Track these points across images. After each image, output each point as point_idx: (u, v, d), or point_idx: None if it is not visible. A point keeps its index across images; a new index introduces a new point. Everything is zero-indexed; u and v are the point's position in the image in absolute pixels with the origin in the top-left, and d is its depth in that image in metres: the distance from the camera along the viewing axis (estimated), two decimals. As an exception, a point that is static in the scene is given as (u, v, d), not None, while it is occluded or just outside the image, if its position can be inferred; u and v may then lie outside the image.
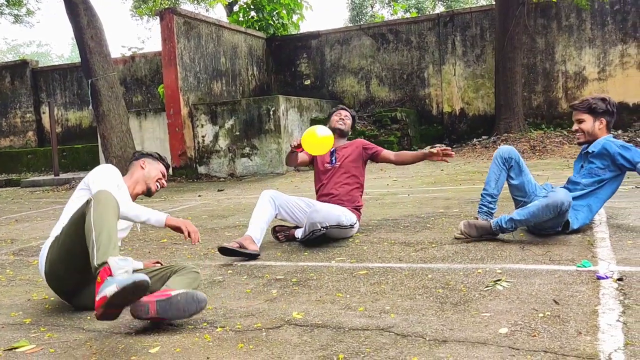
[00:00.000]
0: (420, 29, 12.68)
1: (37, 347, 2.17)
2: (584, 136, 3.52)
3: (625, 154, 3.34)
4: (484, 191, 3.59)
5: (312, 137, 3.53)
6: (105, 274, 2.09)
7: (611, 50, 11.27)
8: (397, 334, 2.04)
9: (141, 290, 2.11)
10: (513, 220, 3.24)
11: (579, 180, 3.49)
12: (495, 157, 3.58)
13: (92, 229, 2.24)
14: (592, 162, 3.46)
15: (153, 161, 3.08)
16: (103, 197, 2.34)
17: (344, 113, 4.23)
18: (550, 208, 3.11)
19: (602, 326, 1.96)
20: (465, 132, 12.22)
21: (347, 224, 3.69)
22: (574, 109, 3.55)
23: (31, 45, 53.40)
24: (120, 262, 2.11)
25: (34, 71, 15.69)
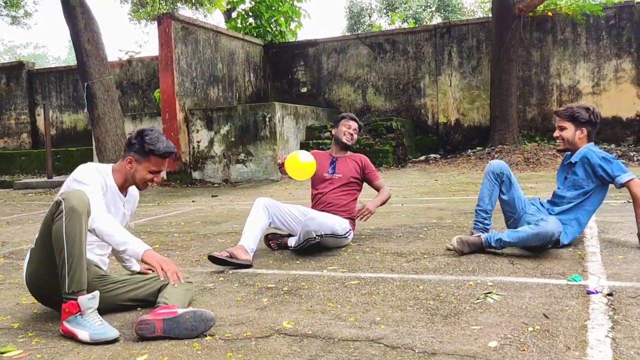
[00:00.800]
0: (417, 39, 12.76)
1: (24, 352, 2.15)
2: (564, 144, 3.51)
3: (606, 167, 3.33)
4: (478, 207, 3.59)
5: (294, 162, 3.50)
6: (74, 308, 2.21)
7: (605, 64, 11.37)
8: (387, 346, 2.03)
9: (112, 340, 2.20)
10: (502, 240, 3.27)
11: (564, 194, 3.50)
12: (487, 173, 3.58)
13: (63, 245, 2.20)
14: (575, 173, 3.47)
15: (143, 159, 2.62)
16: (77, 203, 2.23)
17: (353, 126, 4.08)
18: (540, 237, 3.15)
19: (591, 341, 1.97)
20: (460, 143, 12.27)
21: (341, 233, 3.69)
22: (557, 115, 3.55)
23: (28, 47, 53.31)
24: (90, 302, 2.23)
25: (30, 73, 15.66)
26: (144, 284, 2.61)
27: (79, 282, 2.24)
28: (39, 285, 2.46)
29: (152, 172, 2.66)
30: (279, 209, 3.81)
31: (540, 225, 3.18)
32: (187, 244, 4.38)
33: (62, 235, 2.21)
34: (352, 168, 4.03)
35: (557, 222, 3.22)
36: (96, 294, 2.29)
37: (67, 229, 2.21)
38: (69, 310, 2.23)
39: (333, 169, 4.02)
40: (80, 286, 2.24)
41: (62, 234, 2.21)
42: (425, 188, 7.66)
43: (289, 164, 3.51)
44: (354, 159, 4.09)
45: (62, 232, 2.21)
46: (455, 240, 3.38)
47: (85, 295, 2.25)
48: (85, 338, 2.19)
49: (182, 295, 2.49)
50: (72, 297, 2.23)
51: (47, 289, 2.43)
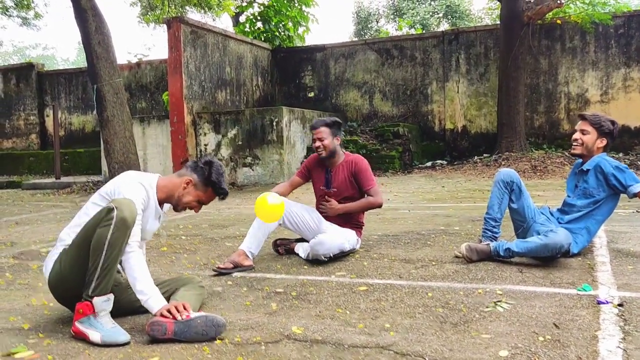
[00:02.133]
0: (424, 45, 12.77)
1: (35, 353, 2.16)
2: (581, 148, 3.49)
3: (619, 176, 3.34)
4: (487, 215, 3.57)
5: (262, 205, 3.27)
6: (88, 309, 2.25)
7: (614, 73, 11.34)
8: (397, 353, 2.04)
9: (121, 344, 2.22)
10: (511, 250, 3.27)
11: (574, 202, 3.49)
12: (497, 181, 3.56)
13: (103, 252, 2.23)
14: (587, 181, 3.46)
15: (201, 186, 2.62)
16: (128, 215, 2.24)
17: (317, 135, 3.77)
18: (549, 248, 3.15)
19: (602, 352, 1.96)
20: (466, 150, 12.25)
21: (349, 248, 3.69)
22: (583, 119, 3.51)
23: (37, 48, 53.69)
24: (104, 304, 2.27)
25: (40, 74, 15.76)
26: (160, 286, 2.62)
27: (104, 289, 2.28)
28: (63, 286, 2.45)
29: (199, 202, 2.66)
30: (292, 211, 3.76)
31: (549, 236, 3.17)
32: (195, 247, 4.39)
33: (105, 243, 2.22)
34: (346, 178, 3.78)
35: (566, 234, 3.22)
36: (110, 297, 2.31)
37: (113, 238, 2.22)
38: (82, 311, 2.26)
39: (328, 183, 3.82)
40: (105, 292, 2.27)
41: (105, 241, 2.22)
42: (432, 194, 7.65)
43: (257, 207, 3.28)
44: (347, 166, 3.79)
45: (106, 239, 2.22)
46: (464, 247, 3.37)
47: (100, 297, 2.27)
48: (97, 340, 2.21)
49: (194, 300, 2.51)
50: (88, 298, 2.26)
51: (70, 290, 2.43)
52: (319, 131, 3.78)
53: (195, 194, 2.62)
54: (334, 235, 3.65)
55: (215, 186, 2.62)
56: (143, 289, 2.31)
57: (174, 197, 2.62)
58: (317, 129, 3.80)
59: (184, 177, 2.62)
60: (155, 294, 2.33)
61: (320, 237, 3.58)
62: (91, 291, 2.26)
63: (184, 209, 2.67)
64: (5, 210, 7.92)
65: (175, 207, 2.67)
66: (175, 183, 2.62)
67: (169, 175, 2.70)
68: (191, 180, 2.61)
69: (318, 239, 3.57)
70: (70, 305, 2.52)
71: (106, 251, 2.23)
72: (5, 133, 15.85)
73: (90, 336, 2.23)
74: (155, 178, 2.63)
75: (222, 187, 2.64)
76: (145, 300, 2.30)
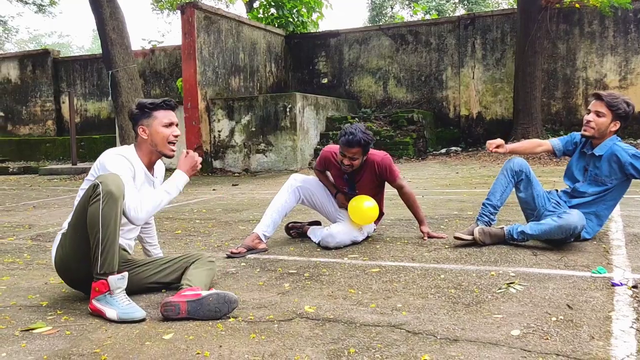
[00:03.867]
0: (440, 30, 12.63)
1: (53, 329, 2.21)
2: (594, 131, 3.31)
3: (636, 164, 3.22)
4: (487, 201, 3.44)
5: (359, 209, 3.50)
6: (104, 287, 2.29)
7: (633, 58, 11.13)
8: (409, 331, 2.05)
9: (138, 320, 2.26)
10: (525, 233, 3.24)
11: (584, 189, 3.38)
12: (505, 169, 3.44)
13: (99, 228, 2.24)
14: (598, 167, 3.34)
15: (150, 120, 2.59)
16: (114, 188, 2.26)
17: (350, 153, 3.42)
18: (564, 230, 3.10)
19: (616, 332, 1.95)
20: (481, 136, 12.15)
21: (361, 238, 3.68)
22: (599, 98, 3.31)
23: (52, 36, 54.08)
24: (119, 281, 2.31)
25: (55, 61, 15.89)
26: (167, 266, 2.65)
27: (111, 264, 2.29)
28: (69, 269, 2.49)
29: (166, 127, 2.60)
30: (312, 193, 3.75)
31: (563, 217, 3.14)
32: (208, 230, 4.43)
33: (98, 218, 2.24)
34: (370, 181, 3.65)
35: (580, 216, 3.16)
36: (125, 275, 2.35)
37: (104, 212, 2.24)
38: (98, 289, 2.29)
39: (352, 187, 3.68)
40: (112, 267, 2.30)
41: (98, 217, 2.25)
42: (446, 180, 7.62)
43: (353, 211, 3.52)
44: (369, 168, 3.60)
45: (98, 214, 2.25)
46: (477, 230, 3.35)
47: (115, 275, 2.30)
48: (113, 316, 2.25)
49: (205, 276, 2.53)
50: (102, 277, 2.29)
51: (77, 273, 2.48)
52: (353, 152, 3.43)
53: (155, 127, 2.58)
54: (347, 228, 3.59)
55: (156, 106, 2.60)
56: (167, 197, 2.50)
57: (152, 149, 2.61)
58: (352, 149, 3.41)
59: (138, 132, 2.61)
60: (172, 183, 2.53)
61: (332, 230, 3.54)
62: (99, 269, 2.28)
63: (170, 148, 2.62)
64: (23, 194, 8.05)
65: (160, 151, 2.62)
66: (139, 141, 2.62)
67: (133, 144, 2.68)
68: (141, 126, 2.60)
69: (330, 231, 3.54)
70: (81, 287, 2.56)
71: (102, 225, 2.24)
72: (22, 119, 16.06)
73: (107, 313, 2.27)
74: (132, 148, 2.63)
75: (159, 101, 2.61)
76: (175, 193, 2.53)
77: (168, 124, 2.61)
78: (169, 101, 2.65)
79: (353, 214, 3.54)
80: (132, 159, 2.56)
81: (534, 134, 10.68)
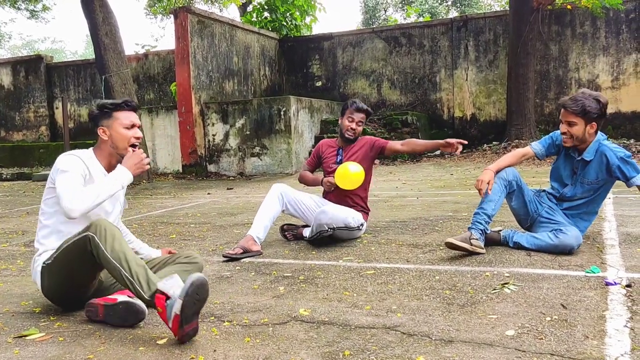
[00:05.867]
0: (433, 33, 12.67)
1: (46, 335, 2.19)
2: (572, 141, 3.19)
3: (623, 168, 3.15)
4: (481, 209, 3.26)
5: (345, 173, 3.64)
6: (162, 300, 2.04)
7: (625, 58, 11.20)
8: (404, 333, 2.04)
9: (203, 289, 2.02)
10: (520, 244, 3.24)
11: (573, 193, 3.32)
12: (499, 177, 3.29)
13: (116, 267, 2.14)
14: (588, 171, 3.25)
15: (110, 121, 2.52)
16: (103, 229, 2.19)
17: (357, 118, 3.86)
18: (559, 249, 3.10)
19: (610, 331, 1.96)
20: (475, 137, 12.19)
21: (354, 225, 3.68)
22: (565, 109, 3.15)
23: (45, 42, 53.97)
24: (167, 282, 2.08)
25: (49, 66, 15.84)
26: (155, 262, 2.61)
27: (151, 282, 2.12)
28: (61, 297, 2.45)
29: (127, 128, 2.52)
30: (294, 198, 3.82)
31: (560, 237, 3.09)
32: (203, 234, 4.42)
33: (111, 261, 2.15)
34: (360, 153, 3.87)
35: (577, 236, 3.11)
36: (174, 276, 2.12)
37: (109, 250, 2.16)
38: (161, 307, 2.05)
39: (340, 160, 3.90)
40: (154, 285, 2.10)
41: (110, 260, 2.15)
42: (441, 182, 7.63)
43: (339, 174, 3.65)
44: (360, 144, 3.92)
45: (109, 259, 2.15)
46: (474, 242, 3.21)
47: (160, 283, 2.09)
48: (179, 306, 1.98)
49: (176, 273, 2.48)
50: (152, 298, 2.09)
51: (70, 299, 2.44)
52: (362, 116, 3.90)
53: (115, 129, 2.50)
54: (338, 207, 3.71)
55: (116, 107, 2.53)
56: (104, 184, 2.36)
57: (110, 150, 2.53)
58: (361, 113, 3.89)
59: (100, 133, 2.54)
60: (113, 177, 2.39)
61: (324, 207, 3.65)
62: (144, 293, 2.10)
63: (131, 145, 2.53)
64: (17, 201, 8.01)
65: (120, 154, 2.53)
66: (101, 144, 2.55)
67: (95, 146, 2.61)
68: (101, 127, 2.52)
69: (322, 208, 3.64)
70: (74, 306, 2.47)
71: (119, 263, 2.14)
72: (16, 125, 15.98)
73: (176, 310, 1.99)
74: (90, 151, 2.57)
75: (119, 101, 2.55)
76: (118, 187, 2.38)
77: (129, 126, 2.52)
78: (130, 102, 2.57)
79: (339, 178, 3.64)
80: (87, 161, 2.48)
81: (528, 135, 10.73)
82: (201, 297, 2.02)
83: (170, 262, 2.60)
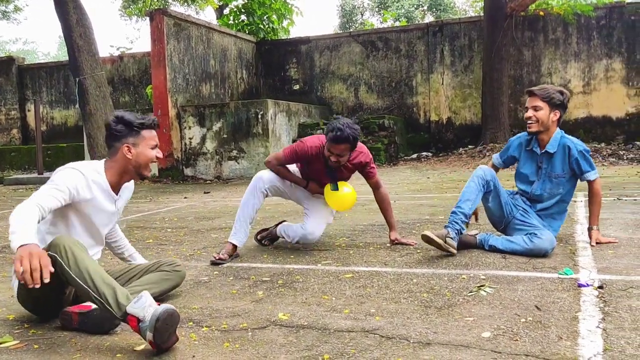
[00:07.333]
0: (409, 37, 12.80)
1: (20, 343, 2.15)
2: (537, 125, 3.33)
3: (581, 161, 3.30)
4: (458, 209, 3.32)
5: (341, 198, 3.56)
6: (134, 322, 1.99)
7: (596, 64, 11.48)
8: (382, 336, 2.06)
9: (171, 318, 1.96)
10: (495, 248, 3.30)
11: (541, 190, 3.40)
12: (476, 176, 3.37)
13: (82, 287, 2.07)
14: (553, 163, 3.36)
15: (138, 139, 2.46)
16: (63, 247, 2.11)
17: (338, 150, 3.34)
18: (534, 253, 3.16)
19: (582, 332, 2.00)
20: (451, 141, 12.34)
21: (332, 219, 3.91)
22: (531, 95, 3.34)
23: (17, 43, 52.88)
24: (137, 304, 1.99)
25: (20, 68, 15.53)
26: (134, 273, 2.60)
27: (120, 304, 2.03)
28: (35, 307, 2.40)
29: (152, 148, 2.49)
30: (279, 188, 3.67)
31: (534, 242, 3.16)
32: (180, 239, 4.38)
33: (77, 281, 2.09)
34: (350, 173, 3.70)
35: (551, 240, 3.19)
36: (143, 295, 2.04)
37: (74, 268, 2.09)
38: (132, 327, 2.00)
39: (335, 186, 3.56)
40: (125, 301, 2.04)
41: (76, 281, 2.09)
42: (417, 185, 7.70)
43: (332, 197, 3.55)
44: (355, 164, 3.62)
45: (74, 279, 2.09)
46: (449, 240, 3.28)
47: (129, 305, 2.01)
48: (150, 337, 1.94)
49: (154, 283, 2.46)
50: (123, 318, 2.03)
51: (42, 310, 2.39)
52: (342, 148, 3.36)
53: (142, 147, 2.45)
54: (320, 218, 3.70)
55: (144, 125, 2.46)
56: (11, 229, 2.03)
57: (130, 168, 2.47)
58: (340, 146, 3.34)
59: (119, 148, 2.45)
60: (21, 231, 2.00)
61: (308, 228, 3.62)
62: (115, 312, 2.03)
63: (148, 170, 2.51)
64: (-13, 205, 7.82)
65: (139, 173, 2.50)
66: (118, 160, 2.46)
67: (107, 159, 2.52)
68: (126, 144, 2.44)
69: (306, 230, 3.62)
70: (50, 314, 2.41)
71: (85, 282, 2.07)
72: (-14, 128, 15.61)
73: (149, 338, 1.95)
74: (101, 163, 2.50)
75: (148, 120, 2.48)
76: (10, 239, 2.01)
77: (154, 146, 2.50)
78: (157, 121, 2.53)
79: (332, 201, 3.59)
80: (91, 176, 2.41)
81: (502, 139, 10.90)
82: (171, 324, 1.97)
83: (153, 269, 2.58)
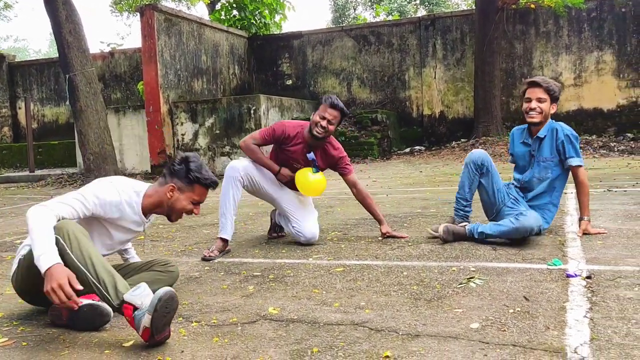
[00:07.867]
0: (401, 31, 12.79)
1: (9, 340, 2.14)
2: (541, 116, 3.40)
3: (566, 146, 3.35)
4: (458, 195, 3.56)
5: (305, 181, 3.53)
6: (130, 310, 2.00)
7: (587, 56, 11.51)
8: (371, 329, 2.07)
9: (171, 301, 1.97)
10: (484, 233, 3.32)
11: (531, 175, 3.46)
12: (467, 163, 3.50)
13: (81, 271, 2.06)
14: (542, 148, 3.42)
15: (186, 188, 2.44)
16: (67, 232, 2.10)
17: (330, 115, 3.46)
18: (520, 232, 3.19)
19: (570, 321, 2.02)
20: (444, 135, 12.36)
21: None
22: (537, 85, 3.39)
23: (8, 40, 52.48)
24: (135, 292, 2.01)
25: (11, 65, 15.42)
26: (130, 269, 2.60)
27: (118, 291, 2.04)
28: (28, 293, 2.38)
29: (193, 203, 2.48)
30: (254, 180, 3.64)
31: (520, 220, 3.20)
32: (172, 235, 4.37)
33: (76, 264, 2.07)
34: (327, 161, 3.67)
35: (536, 217, 3.24)
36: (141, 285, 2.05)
37: (76, 252, 2.08)
38: (128, 316, 2.01)
39: (317, 169, 3.60)
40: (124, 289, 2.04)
41: (75, 264, 2.07)
42: (410, 179, 7.72)
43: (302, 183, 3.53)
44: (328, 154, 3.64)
45: (74, 262, 2.07)
46: (441, 228, 3.39)
47: (127, 293, 2.03)
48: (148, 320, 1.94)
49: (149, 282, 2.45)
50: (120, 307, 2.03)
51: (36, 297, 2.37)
52: (336, 114, 3.49)
53: (185, 197, 2.44)
54: (311, 219, 3.71)
55: (200, 181, 2.44)
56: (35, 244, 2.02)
57: (163, 207, 2.46)
58: (335, 111, 3.48)
59: (166, 186, 2.45)
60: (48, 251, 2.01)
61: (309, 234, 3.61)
62: (112, 300, 2.03)
63: (179, 216, 2.51)
64: (-22, 204, 7.77)
65: (169, 216, 2.50)
66: (160, 192, 2.45)
67: (154, 185, 2.50)
68: (174, 185, 2.44)
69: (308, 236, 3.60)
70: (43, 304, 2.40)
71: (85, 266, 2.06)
72: (-23, 126, 15.51)
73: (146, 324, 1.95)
74: (145, 185, 2.48)
75: (207, 179, 2.45)
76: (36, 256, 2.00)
77: (197, 202, 2.49)
78: (216, 184, 2.50)
79: (303, 187, 3.57)
80: (126, 197, 2.39)
81: (495, 132, 10.94)
82: (171, 308, 1.98)
83: (146, 268, 2.58)
